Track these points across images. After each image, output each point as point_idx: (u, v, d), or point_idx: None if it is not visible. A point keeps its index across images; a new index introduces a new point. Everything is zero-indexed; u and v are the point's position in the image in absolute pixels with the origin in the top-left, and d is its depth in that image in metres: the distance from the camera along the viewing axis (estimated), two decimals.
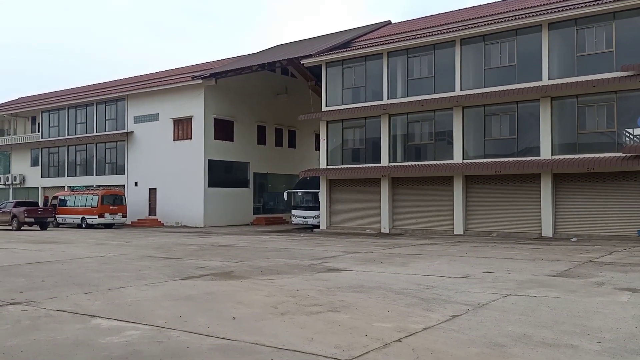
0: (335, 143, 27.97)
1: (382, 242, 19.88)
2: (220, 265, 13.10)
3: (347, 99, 27.44)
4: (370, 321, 6.89)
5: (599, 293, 8.76)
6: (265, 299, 8.45)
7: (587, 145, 21.01)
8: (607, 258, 13.83)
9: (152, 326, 6.66)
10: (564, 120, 21.71)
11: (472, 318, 7.00)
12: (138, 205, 34.37)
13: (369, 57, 26.68)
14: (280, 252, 16.49)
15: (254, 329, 6.52)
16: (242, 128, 34.20)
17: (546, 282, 9.94)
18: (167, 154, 33.38)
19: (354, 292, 9.04)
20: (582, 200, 21.12)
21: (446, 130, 24.51)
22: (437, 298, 8.41)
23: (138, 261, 14.00)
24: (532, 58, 22.14)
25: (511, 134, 22.86)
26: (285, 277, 10.86)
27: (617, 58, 20.23)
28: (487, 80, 23.27)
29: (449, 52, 24.24)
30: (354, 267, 12.53)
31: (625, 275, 10.76)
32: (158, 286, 9.84)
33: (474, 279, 10.40)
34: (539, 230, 21.74)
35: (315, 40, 34.65)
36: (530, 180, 22.22)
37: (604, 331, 6.24)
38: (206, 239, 22.47)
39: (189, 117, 32.55)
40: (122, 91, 36.78)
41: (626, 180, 20.21)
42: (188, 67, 40.67)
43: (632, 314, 7.10)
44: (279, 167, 36.63)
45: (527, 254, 15.21)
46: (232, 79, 32.79)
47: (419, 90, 25.08)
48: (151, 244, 19.58)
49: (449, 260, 13.75)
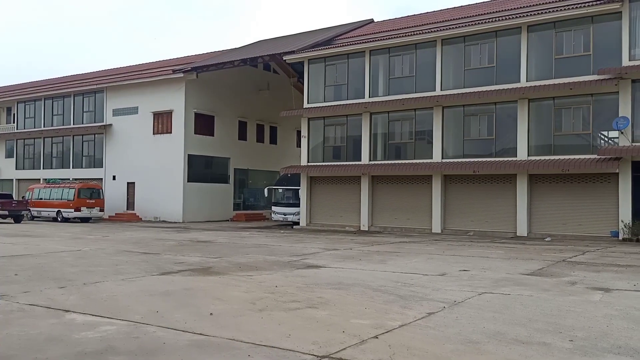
0: (317, 140, 27.99)
1: (361, 240, 19.98)
2: (198, 260, 13.03)
3: (329, 97, 27.47)
4: (348, 318, 6.94)
5: (571, 292, 8.96)
6: (244, 295, 8.44)
7: (563, 147, 21.42)
8: (580, 258, 14.13)
9: (128, 321, 6.61)
10: (541, 121, 22.08)
11: (448, 315, 7.11)
12: (116, 199, 33.93)
13: (351, 55, 26.74)
14: (259, 248, 16.46)
15: (231, 325, 6.52)
16: (223, 123, 34.00)
17: (520, 281, 10.13)
18: (147, 148, 33.01)
19: (332, 288, 9.09)
20: (557, 200, 21.53)
21: (426, 130, 24.73)
22: (414, 295, 8.50)
23: (115, 256, 13.84)
24: (511, 60, 22.46)
25: (489, 134, 23.17)
26: (264, 274, 10.86)
27: (594, 61, 20.65)
28: (467, 80, 23.54)
29: (430, 52, 24.45)
30: (333, 264, 12.58)
31: (598, 275, 11.02)
32: (135, 281, 9.76)
33: (451, 277, 10.54)
34: (514, 230, 22.10)
35: (298, 36, 34.59)
36: (507, 181, 22.57)
37: (576, 329, 6.39)
38: (185, 234, 22.31)
39: (169, 111, 32.23)
40: (101, 83, 36.23)
41: (600, 182, 20.66)
42: (169, 60, 40.23)
43: (604, 313, 7.28)
44: (259, 163, 36.52)
45: (503, 252, 15.46)
46: (214, 74, 32.55)
47: (400, 89, 25.25)
48: (129, 239, 19.37)
49: (427, 258, 13.90)
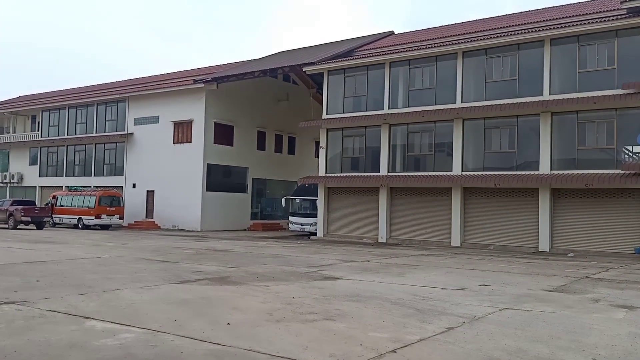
0: (335, 151, 28.00)
1: (379, 252, 19.85)
2: (216, 270, 13.06)
3: (348, 108, 27.50)
4: (365, 331, 6.86)
5: (594, 309, 8.75)
6: (261, 305, 8.42)
7: (586, 161, 21.06)
8: (603, 274, 13.82)
9: (146, 329, 6.63)
10: (564, 135, 21.78)
11: (467, 331, 6.98)
12: (135, 207, 34.29)
13: (370, 67, 26.77)
14: (276, 258, 16.45)
15: (249, 335, 6.49)
16: (242, 133, 34.24)
17: (542, 297, 9.93)
18: (166, 156, 33.37)
19: (349, 301, 9.01)
20: (580, 216, 21.14)
21: (446, 142, 24.57)
22: (433, 309, 8.39)
23: (134, 263, 13.95)
24: (533, 73, 22.25)
25: (511, 147, 22.92)
26: (281, 284, 10.83)
27: (618, 75, 20.34)
28: (488, 93, 23.36)
29: (451, 64, 24.35)
30: (351, 275, 12.50)
31: (622, 292, 10.75)
32: (153, 289, 9.81)
33: (470, 292, 10.38)
34: (536, 245, 21.73)
35: (318, 48, 34.78)
36: (529, 195, 22.25)
37: (599, 347, 6.22)
38: (203, 243, 22.41)
39: (190, 121, 32.57)
40: (123, 92, 36.81)
41: (624, 197, 20.25)
42: (190, 70, 40.76)
43: (628, 331, 7.09)
44: (277, 173, 36.63)
45: (524, 268, 15.20)
46: (234, 84, 32.86)
47: (419, 101, 25.17)
48: (147, 247, 19.52)
49: (446, 272, 13.72)
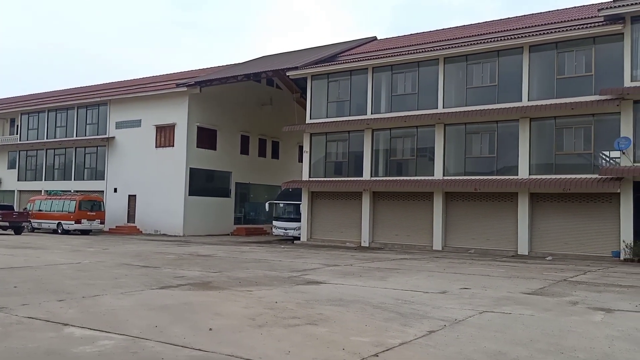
0: (319, 155, 28.06)
1: (361, 256, 19.91)
2: (198, 275, 12.99)
3: (332, 112, 27.60)
4: (347, 335, 6.89)
5: (573, 312, 8.90)
6: (243, 311, 8.40)
7: (564, 166, 21.44)
8: (581, 277, 14.06)
9: (126, 336, 6.57)
10: (542, 140, 22.13)
11: (448, 334, 7.06)
12: (117, 212, 33.91)
13: (354, 72, 26.93)
14: (259, 263, 16.41)
15: (231, 340, 6.48)
16: (225, 137, 34.11)
17: (521, 300, 10.07)
18: (149, 160, 33.09)
19: (332, 305, 9.04)
20: (558, 220, 21.48)
21: (428, 147, 24.79)
22: (414, 313, 8.45)
23: (114, 269, 13.80)
24: (512, 79, 22.60)
25: (491, 152, 23.22)
26: (264, 289, 10.81)
27: (596, 82, 20.76)
28: (469, 99, 23.66)
29: (433, 70, 24.61)
30: (333, 280, 12.53)
31: (599, 295, 10.95)
32: (134, 295, 9.72)
33: (451, 295, 10.48)
34: (515, 248, 22.02)
35: (302, 52, 34.87)
36: (508, 199, 22.55)
37: (577, 350, 6.34)
38: (185, 248, 22.25)
39: (172, 125, 32.36)
40: (105, 96, 36.44)
41: (601, 201, 20.64)
42: (172, 74, 40.50)
43: (606, 334, 7.22)
44: (261, 177, 36.56)
45: (504, 271, 15.39)
46: (217, 88, 32.76)
47: (402, 106, 25.37)
48: (129, 252, 19.32)
49: (428, 276, 13.83)
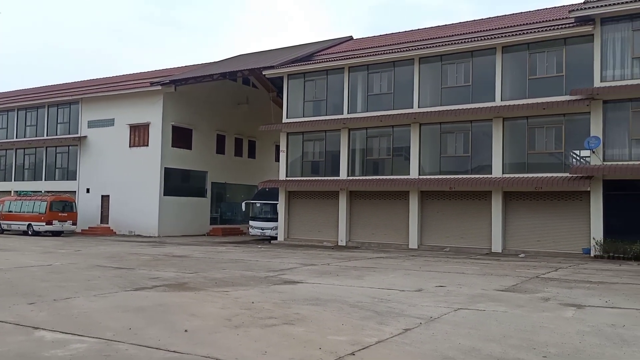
0: (295, 155, 28.02)
1: (338, 255, 19.97)
2: (174, 276, 12.85)
3: (308, 112, 27.60)
4: (324, 334, 6.90)
5: (545, 308, 9.08)
6: (220, 311, 8.34)
7: (536, 165, 21.85)
8: (553, 274, 14.36)
9: (99, 339, 6.46)
10: (515, 140, 22.52)
11: (424, 331, 7.13)
12: (89, 212, 33.31)
13: (330, 71, 26.97)
14: (236, 263, 16.31)
15: (207, 342, 6.43)
16: (201, 136, 33.80)
17: (495, 297, 10.23)
18: (122, 160, 32.57)
19: (309, 304, 9.04)
20: (530, 218, 21.89)
21: (404, 146, 24.98)
22: (391, 311, 8.52)
23: (87, 271, 13.55)
24: (486, 79, 22.93)
25: (465, 151, 23.52)
26: (240, 289, 10.75)
27: (567, 82, 21.21)
28: (444, 98, 23.93)
29: (408, 70, 24.81)
30: (310, 279, 12.54)
31: (570, 291, 11.20)
32: (108, 297, 9.56)
33: (427, 293, 10.59)
34: (489, 246, 22.36)
35: (278, 51, 34.76)
36: (482, 198, 22.89)
37: (549, 345, 6.47)
38: (160, 248, 21.98)
39: (146, 124, 31.92)
40: (76, 94, 35.72)
41: (572, 199, 21.10)
42: (147, 72, 39.95)
43: (577, 329, 7.39)
44: (237, 177, 36.33)
45: (478, 268, 15.62)
46: (192, 87, 32.43)
47: (378, 106, 25.51)
48: (102, 253, 19.00)
49: (404, 274, 13.95)
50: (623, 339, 6.85)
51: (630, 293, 11.01)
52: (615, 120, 20.39)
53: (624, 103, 20.17)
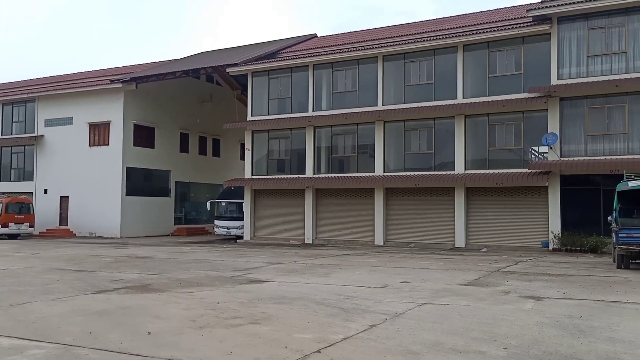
0: (261, 153, 27.86)
1: (305, 253, 19.98)
2: (136, 277, 12.59)
3: (273, 110, 27.47)
4: (290, 332, 6.90)
5: (505, 301, 9.32)
6: (184, 313, 8.22)
7: (497, 161, 22.38)
8: (513, 268, 14.74)
9: (58, 344, 6.27)
10: (476, 137, 23.00)
11: (389, 327, 7.21)
12: (48, 214, 32.27)
13: (294, 69, 26.91)
14: (201, 263, 16.11)
15: (170, 343, 6.32)
16: (163, 135, 33.20)
17: (458, 291, 10.43)
18: (82, 160, 31.68)
19: (275, 303, 9.01)
20: (492, 213, 22.41)
21: (368, 144, 25.17)
22: (356, 308, 8.57)
23: (46, 274, 13.14)
24: (448, 77, 23.32)
25: (429, 148, 23.88)
26: (205, 290, 10.62)
27: (525, 80, 21.77)
28: (407, 96, 24.21)
29: (372, 68, 24.99)
30: (277, 278, 12.50)
31: (530, 284, 11.52)
32: (67, 301, 9.29)
33: (392, 289, 10.71)
34: (452, 241, 22.78)
35: (242, 49, 34.45)
36: (446, 194, 23.29)
37: (509, 337, 6.63)
38: (122, 250, 21.51)
39: (107, 122, 31.13)
40: (32, 92, 34.52)
41: (532, 194, 21.70)
42: (107, 69, 38.98)
43: (536, 321, 7.61)
44: (202, 176, 35.86)
45: (442, 264, 15.89)
46: (154, 85, 31.80)
47: (343, 104, 25.62)
48: (61, 256, 18.44)
49: (369, 271, 14.06)
50: (580, 329, 7.09)
51: (586, 284, 11.41)
52: (571, 117, 21.07)
53: (580, 100, 20.86)
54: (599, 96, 20.51)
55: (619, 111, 20.31)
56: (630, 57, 20.14)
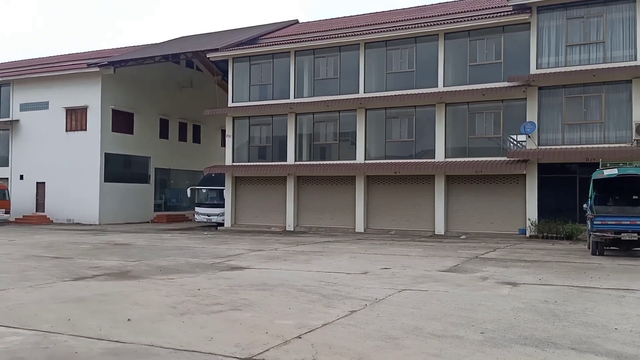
0: (242, 140, 27.69)
1: (286, 240, 20.01)
2: (116, 264, 12.48)
3: (254, 96, 27.28)
4: (271, 319, 6.93)
5: (483, 287, 9.48)
6: (164, 299, 8.19)
7: (477, 150, 22.63)
8: (491, 254, 14.99)
9: (36, 331, 6.21)
10: (457, 125, 23.19)
11: (369, 313, 7.29)
12: (23, 200, 31.70)
13: (276, 55, 26.70)
14: (181, 250, 16.03)
15: (150, 330, 6.30)
16: (143, 121, 32.74)
17: (437, 277, 10.58)
18: (58, 145, 31.11)
19: (256, 290, 9.03)
20: (471, 200, 22.70)
21: (350, 131, 25.20)
22: (337, 294, 8.64)
23: (22, 261, 12.94)
24: (429, 65, 23.40)
25: (409, 136, 24.01)
26: (186, 276, 10.59)
27: (505, 69, 21.97)
28: (389, 84, 24.25)
29: (354, 55, 24.94)
30: (258, 265, 12.51)
31: (507, 270, 11.74)
32: (44, 288, 9.18)
33: (373, 275, 10.82)
34: (432, 228, 23.04)
35: (222, 34, 34.02)
36: (426, 181, 23.49)
37: (486, 322, 6.77)
38: (101, 237, 21.27)
39: (84, 107, 30.57)
40: (7, 75, 33.65)
41: (510, 182, 22.02)
42: (84, 53, 38.19)
43: (512, 306, 7.77)
44: (182, 162, 35.53)
45: (421, 250, 16.08)
46: (133, 69, 31.26)
47: (324, 91, 25.55)
48: (38, 243, 18.17)
49: (350, 258, 14.16)
50: (555, 314, 7.26)
51: (561, 270, 11.67)
52: (549, 106, 21.36)
53: (558, 89, 21.15)
54: (577, 85, 20.82)
55: (596, 101, 20.65)
56: (607, 47, 20.45)
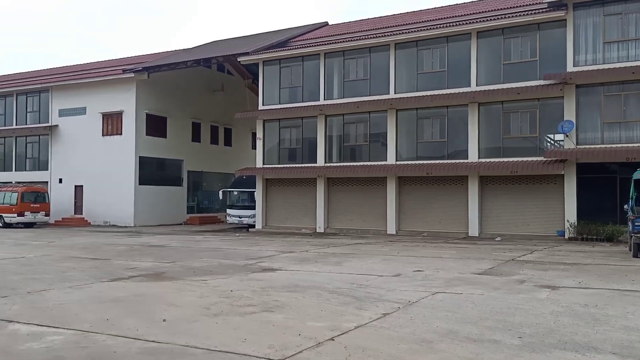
0: (272, 142, 27.86)
1: (317, 242, 20.01)
2: (151, 266, 12.71)
3: (284, 99, 27.41)
4: (304, 320, 6.92)
5: (520, 290, 9.26)
6: (198, 300, 8.29)
7: (512, 150, 22.15)
8: (528, 257, 14.64)
9: (76, 330, 6.36)
10: (490, 125, 22.76)
11: (402, 315, 7.20)
12: (62, 203, 32.66)
13: (306, 57, 26.77)
14: (214, 252, 16.21)
15: (185, 331, 6.38)
16: (175, 124, 33.32)
17: (472, 280, 10.39)
18: (95, 149, 31.95)
19: (288, 291, 9.05)
20: (506, 201, 22.23)
21: (380, 132, 25.04)
22: (369, 296, 8.57)
23: (62, 262, 13.31)
24: (461, 64, 23.05)
25: (442, 137, 23.69)
26: (219, 278, 10.69)
27: (540, 67, 21.45)
28: (420, 84, 23.99)
29: (384, 56, 24.78)
30: (289, 266, 12.54)
31: (545, 273, 11.44)
32: (83, 288, 9.41)
33: (405, 278, 10.69)
34: (466, 230, 22.66)
35: (253, 37, 34.34)
36: (459, 182, 23.13)
37: (524, 326, 6.59)
38: (136, 238, 21.71)
39: (119, 112, 31.31)
40: (46, 82, 34.79)
41: (547, 183, 21.48)
42: (118, 59, 39.10)
43: (551, 310, 7.55)
44: (214, 165, 36.00)
45: (455, 252, 15.83)
46: (166, 74, 31.87)
47: (354, 92, 25.47)
48: (77, 244, 18.67)
49: (382, 260, 14.05)
50: (595, 318, 7.02)
51: (602, 273, 11.30)
52: (587, 104, 20.75)
53: (596, 87, 20.53)
54: (616, 83, 20.16)
55: (635, 98, 19.96)
56: None
